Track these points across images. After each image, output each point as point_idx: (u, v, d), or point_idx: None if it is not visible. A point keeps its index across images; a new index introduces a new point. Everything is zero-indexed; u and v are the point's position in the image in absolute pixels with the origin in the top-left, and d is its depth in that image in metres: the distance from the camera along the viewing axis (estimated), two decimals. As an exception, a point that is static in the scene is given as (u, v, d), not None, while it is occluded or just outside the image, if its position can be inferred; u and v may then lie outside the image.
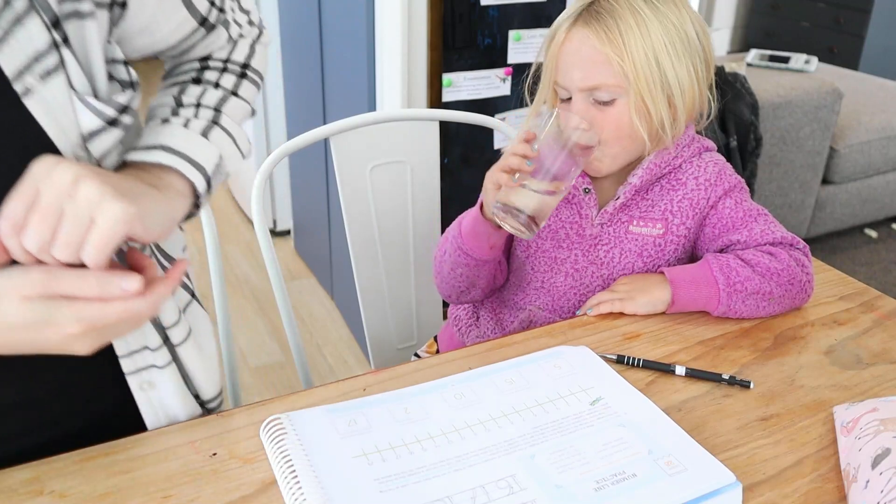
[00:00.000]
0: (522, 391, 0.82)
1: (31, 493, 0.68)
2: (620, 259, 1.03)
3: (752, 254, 0.98)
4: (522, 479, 0.70)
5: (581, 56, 0.94)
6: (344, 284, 2.22)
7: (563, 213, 1.04)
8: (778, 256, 0.97)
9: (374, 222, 1.24)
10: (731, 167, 1.05)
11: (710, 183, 1.01)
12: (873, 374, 0.88)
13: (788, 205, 2.66)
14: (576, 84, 0.94)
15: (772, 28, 4.75)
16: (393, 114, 1.22)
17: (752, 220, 1.01)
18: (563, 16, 0.97)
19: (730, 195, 1.01)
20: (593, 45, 0.92)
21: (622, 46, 0.91)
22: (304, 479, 0.68)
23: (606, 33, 0.92)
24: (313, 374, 1.94)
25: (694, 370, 0.86)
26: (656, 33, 0.92)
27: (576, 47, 0.94)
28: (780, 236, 1.00)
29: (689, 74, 0.94)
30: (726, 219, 1.01)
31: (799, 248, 1.00)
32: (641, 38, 0.91)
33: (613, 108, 0.94)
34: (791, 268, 0.96)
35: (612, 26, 0.92)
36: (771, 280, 0.95)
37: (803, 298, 0.99)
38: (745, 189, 1.04)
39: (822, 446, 0.76)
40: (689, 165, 1.02)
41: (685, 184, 1.01)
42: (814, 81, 2.52)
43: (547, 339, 0.93)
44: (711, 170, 1.02)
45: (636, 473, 0.70)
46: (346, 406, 0.79)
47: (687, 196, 1.01)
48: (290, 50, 2.39)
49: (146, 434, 0.76)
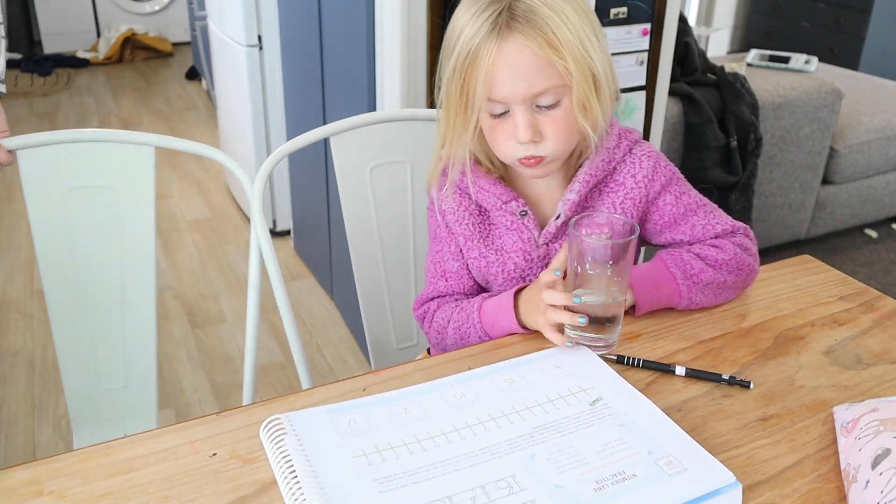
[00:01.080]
0: (522, 391, 0.82)
1: (31, 493, 0.68)
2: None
3: (698, 248, 1.00)
4: (522, 479, 0.70)
5: (523, 66, 0.87)
6: (344, 284, 2.22)
7: (507, 242, 1.01)
8: (723, 247, 0.99)
9: (374, 222, 1.24)
10: (665, 157, 1.04)
11: (647, 179, 1.00)
12: (873, 374, 0.88)
13: (788, 205, 2.66)
14: (520, 95, 0.88)
15: (772, 28, 4.75)
16: (393, 114, 1.22)
17: (693, 214, 1.02)
18: (471, 32, 0.88)
19: (668, 190, 1.01)
20: (533, 51, 0.86)
21: (560, 45, 0.87)
22: (304, 479, 0.68)
23: (542, 36, 0.86)
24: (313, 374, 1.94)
25: (694, 370, 0.86)
26: (575, 20, 0.88)
27: (514, 59, 0.87)
28: (721, 228, 1.02)
29: (603, 52, 0.91)
30: (668, 216, 1.02)
31: (741, 233, 1.03)
32: (569, 31, 0.87)
33: (559, 110, 0.90)
34: (737, 255, 0.99)
35: (545, 28, 0.86)
36: (722, 269, 0.98)
37: (752, 279, 1.03)
38: (681, 180, 1.03)
39: (822, 446, 0.76)
40: (624, 164, 1.00)
41: (623, 184, 1.00)
42: (814, 81, 2.52)
43: (546, 340, 0.93)
44: (647, 164, 1.00)
45: (636, 474, 0.70)
46: (346, 406, 0.79)
47: (628, 196, 1.00)
48: (290, 50, 2.39)
49: (146, 434, 0.76)
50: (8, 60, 4.82)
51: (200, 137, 3.78)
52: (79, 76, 4.80)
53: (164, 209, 3.02)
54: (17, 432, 1.88)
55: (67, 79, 4.71)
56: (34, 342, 2.21)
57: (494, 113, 0.91)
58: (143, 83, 4.73)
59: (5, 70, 0.90)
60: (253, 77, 2.54)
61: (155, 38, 5.25)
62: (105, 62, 5.05)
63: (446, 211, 1.02)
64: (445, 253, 1.05)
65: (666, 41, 1.79)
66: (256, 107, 2.59)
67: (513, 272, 1.01)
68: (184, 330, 2.30)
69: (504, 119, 0.91)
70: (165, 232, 2.87)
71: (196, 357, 2.18)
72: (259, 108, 2.60)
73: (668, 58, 1.82)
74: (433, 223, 1.06)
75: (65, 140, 1.06)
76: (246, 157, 2.74)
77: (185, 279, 2.57)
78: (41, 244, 1.07)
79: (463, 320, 0.98)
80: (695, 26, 4.65)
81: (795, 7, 4.56)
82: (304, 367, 1.19)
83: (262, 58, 2.52)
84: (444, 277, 1.05)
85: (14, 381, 2.06)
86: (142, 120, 4.06)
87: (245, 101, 2.60)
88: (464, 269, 1.05)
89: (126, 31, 5.11)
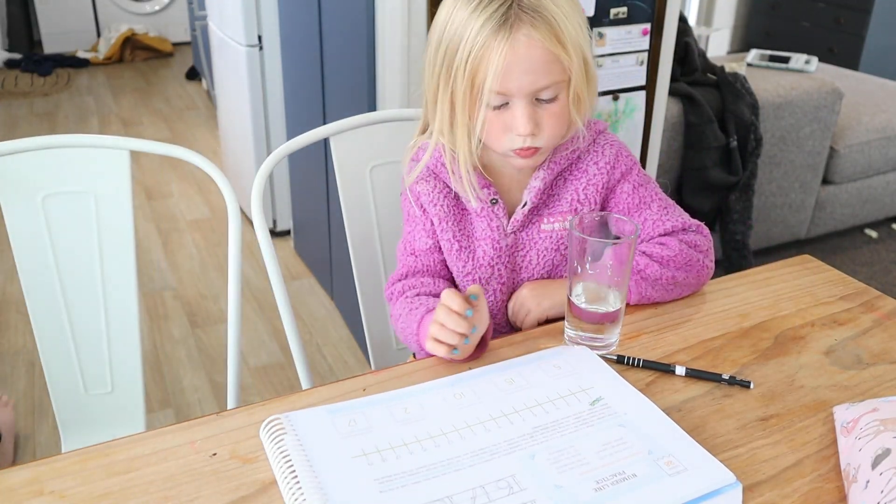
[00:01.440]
0: (522, 391, 0.82)
1: (31, 493, 0.68)
2: (539, 260, 1.03)
3: (644, 246, 1.00)
4: (522, 479, 0.70)
5: (532, 60, 0.87)
6: (344, 284, 2.22)
7: (477, 229, 1.02)
8: (668, 245, 1.00)
9: (374, 222, 1.24)
10: (627, 147, 1.05)
11: (609, 166, 1.01)
12: (873, 374, 0.88)
13: (788, 205, 2.66)
14: (525, 89, 0.89)
15: (772, 28, 4.75)
16: (393, 114, 1.22)
17: (647, 207, 1.02)
18: (476, 26, 0.87)
19: (626, 179, 1.02)
20: (544, 46, 0.87)
21: (566, 40, 0.88)
22: (304, 479, 0.68)
23: (551, 31, 0.87)
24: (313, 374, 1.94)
25: (694, 370, 0.86)
26: (571, 13, 0.89)
27: (524, 52, 0.87)
28: (671, 225, 1.02)
29: (591, 46, 0.93)
30: (622, 205, 1.03)
31: (693, 230, 1.03)
32: (570, 25, 0.88)
33: (556, 104, 0.92)
34: (683, 252, 0.99)
35: (552, 22, 0.87)
36: (669, 266, 0.98)
37: (706, 275, 1.03)
38: (640, 172, 1.04)
39: (822, 446, 0.76)
40: (588, 153, 1.02)
41: (586, 171, 1.01)
42: (814, 81, 2.52)
43: (546, 340, 0.93)
44: (609, 152, 1.02)
45: (636, 473, 0.70)
46: (346, 406, 0.79)
47: (591, 182, 1.01)
48: (289, 50, 2.39)
49: (146, 434, 0.76)
50: (8, 60, 4.83)
51: (201, 137, 3.78)
52: (79, 76, 4.80)
53: (164, 209, 3.02)
54: (16, 432, 1.88)
55: (67, 79, 4.71)
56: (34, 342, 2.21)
57: (494, 105, 0.91)
58: (143, 83, 4.73)
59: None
60: (253, 77, 2.54)
61: (155, 38, 5.25)
62: (105, 62, 5.05)
63: (420, 192, 1.03)
64: (418, 231, 1.05)
65: (666, 41, 1.79)
66: (256, 107, 2.59)
67: (482, 260, 1.02)
68: (184, 330, 2.30)
69: (502, 111, 0.92)
70: (165, 232, 2.87)
71: (196, 357, 2.18)
72: (259, 108, 2.60)
73: (668, 58, 1.83)
74: (406, 205, 1.06)
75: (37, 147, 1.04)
76: (246, 156, 2.74)
77: (185, 279, 2.57)
78: (19, 252, 1.06)
79: (408, 324, 0.97)
80: (695, 26, 4.66)
81: (795, 7, 4.56)
82: (304, 367, 1.19)
83: (262, 58, 2.53)
84: (414, 254, 1.05)
85: (14, 381, 2.06)
86: (142, 120, 4.06)
87: (245, 101, 2.60)
88: (435, 248, 1.04)
89: (126, 31, 5.11)
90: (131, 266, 1.11)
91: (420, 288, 1.03)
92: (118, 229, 1.09)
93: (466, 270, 1.03)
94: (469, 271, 1.03)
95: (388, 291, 1.07)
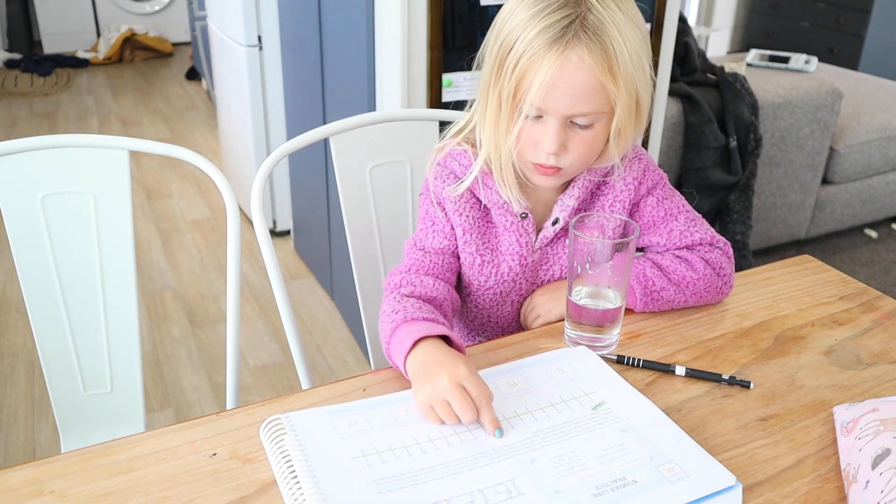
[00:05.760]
0: (524, 394, 0.82)
1: (31, 493, 0.68)
2: (561, 275, 1.03)
3: (668, 260, 0.99)
4: (521, 483, 0.69)
5: (577, 84, 0.84)
6: (344, 284, 2.22)
7: (503, 243, 1.00)
8: (693, 265, 0.98)
9: (374, 222, 1.24)
10: (654, 162, 1.04)
11: (637, 182, 1.01)
12: (873, 374, 0.88)
13: (788, 205, 2.66)
14: (561, 111, 0.86)
15: (772, 28, 4.75)
16: (393, 114, 1.22)
17: (672, 219, 1.02)
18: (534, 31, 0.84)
19: (652, 193, 1.02)
20: (593, 73, 0.84)
21: (618, 71, 0.84)
22: (304, 479, 0.68)
23: (605, 58, 0.83)
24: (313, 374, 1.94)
25: (694, 370, 0.86)
26: (635, 46, 0.85)
27: (571, 74, 0.84)
28: (699, 237, 1.01)
29: (650, 81, 0.89)
30: (647, 217, 1.02)
31: (719, 248, 1.02)
32: (629, 57, 0.84)
33: (590, 131, 0.89)
34: (706, 276, 0.98)
35: (609, 49, 0.83)
36: (686, 290, 0.98)
37: (721, 297, 1.02)
38: (667, 185, 1.03)
39: (822, 446, 0.76)
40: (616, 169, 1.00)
41: (613, 187, 1.00)
42: (814, 81, 2.52)
43: (546, 340, 0.93)
44: (637, 168, 1.01)
45: (637, 480, 0.70)
46: (346, 407, 0.79)
47: (618, 199, 1.00)
48: (289, 50, 2.39)
49: (146, 434, 0.76)
50: (8, 60, 4.83)
51: (200, 137, 3.78)
52: (79, 76, 4.80)
53: (164, 209, 3.02)
54: (17, 432, 1.88)
55: (67, 79, 4.71)
56: (34, 342, 2.21)
57: (528, 115, 0.89)
58: (143, 83, 4.73)
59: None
60: (253, 77, 2.54)
61: (155, 39, 5.25)
62: (105, 62, 5.05)
63: (445, 199, 0.99)
64: (435, 231, 1.01)
65: (666, 41, 1.79)
66: (256, 107, 2.59)
67: (506, 275, 1.01)
68: (184, 330, 2.30)
69: (535, 122, 0.89)
70: (165, 232, 2.86)
71: (196, 357, 2.18)
72: (259, 108, 2.60)
73: (668, 58, 1.82)
74: (426, 205, 1.02)
75: (36, 147, 1.04)
76: (246, 156, 2.74)
77: (185, 279, 2.57)
78: (19, 252, 1.06)
79: (384, 326, 0.92)
80: (695, 26, 4.65)
81: (795, 7, 4.56)
82: (303, 367, 1.19)
83: (262, 58, 2.52)
84: (423, 250, 1.01)
85: (14, 381, 2.06)
86: (142, 120, 4.06)
87: (245, 101, 2.60)
88: (447, 251, 1.01)
89: (126, 32, 5.11)
90: (131, 266, 1.10)
91: (415, 287, 0.97)
92: (118, 229, 1.09)
93: (489, 285, 1.02)
94: (491, 286, 1.02)
95: (385, 282, 1.06)
